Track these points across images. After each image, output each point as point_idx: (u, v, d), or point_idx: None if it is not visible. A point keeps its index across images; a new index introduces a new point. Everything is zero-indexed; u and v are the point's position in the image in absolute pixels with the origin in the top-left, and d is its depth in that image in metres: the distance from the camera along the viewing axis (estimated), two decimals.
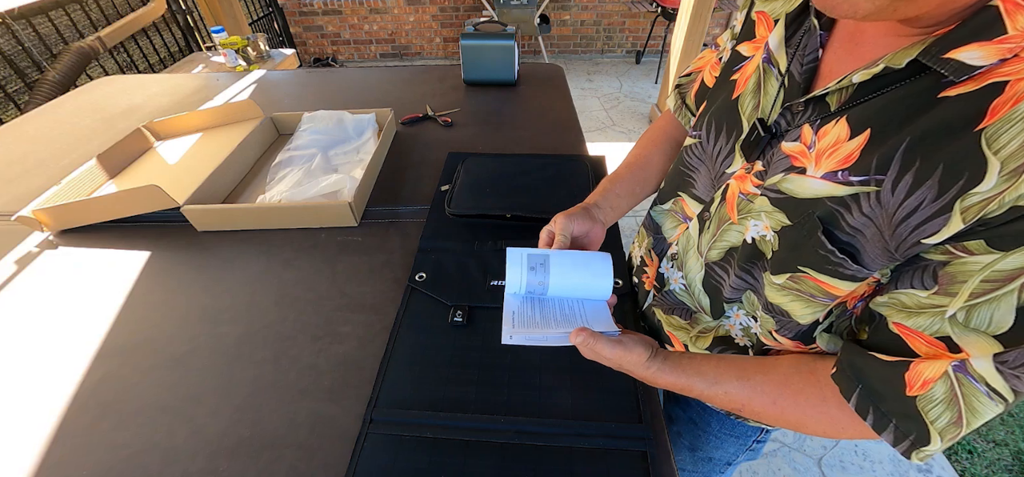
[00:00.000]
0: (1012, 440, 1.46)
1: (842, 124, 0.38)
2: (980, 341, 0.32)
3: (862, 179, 0.36)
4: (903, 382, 0.35)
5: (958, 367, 0.33)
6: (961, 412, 0.33)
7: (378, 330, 0.66)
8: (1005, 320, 0.31)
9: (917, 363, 0.35)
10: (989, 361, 0.31)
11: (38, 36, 2.06)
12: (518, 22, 3.68)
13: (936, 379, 0.34)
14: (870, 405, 0.38)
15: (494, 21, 1.43)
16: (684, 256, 0.59)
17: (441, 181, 0.96)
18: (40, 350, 0.66)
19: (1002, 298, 0.30)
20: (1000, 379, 0.31)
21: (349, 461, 0.51)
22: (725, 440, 0.71)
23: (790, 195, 0.42)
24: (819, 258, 0.39)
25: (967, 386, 0.33)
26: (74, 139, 1.21)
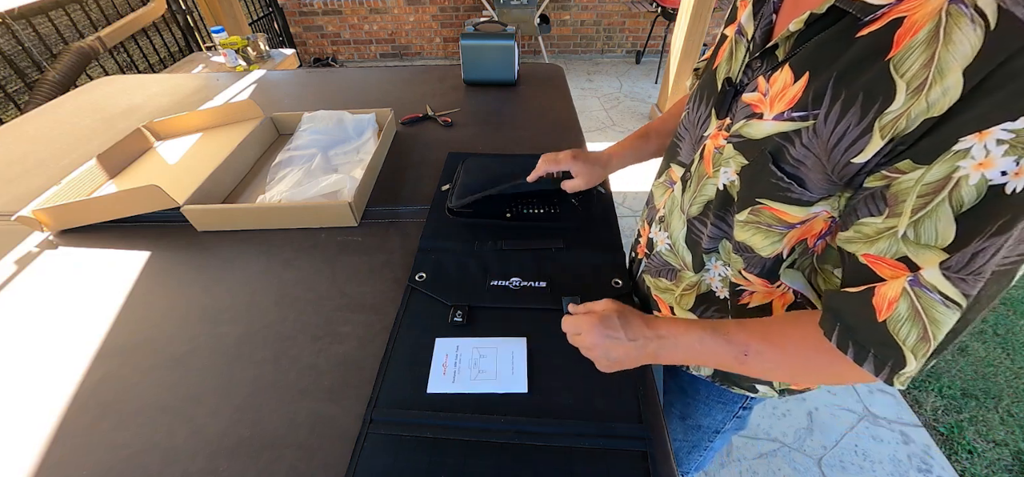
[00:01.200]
0: (1012, 440, 1.46)
1: (787, 70, 0.44)
2: (931, 255, 0.36)
3: (802, 115, 0.42)
4: (872, 309, 0.39)
5: (913, 281, 0.37)
6: (925, 326, 0.37)
7: (378, 330, 0.66)
8: (948, 231, 0.34)
9: (880, 287, 0.39)
10: (936, 269, 0.35)
11: (38, 36, 2.06)
12: (518, 22, 3.68)
13: (898, 297, 0.37)
14: (849, 340, 0.41)
15: (494, 21, 1.43)
16: (669, 217, 0.64)
17: (441, 181, 0.96)
18: (40, 350, 0.66)
19: (938, 208, 0.35)
20: (949, 285, 0.35)
21: (349, 461, 0.51)
22: (713, 407, 0.75)
23: (748, 137, 0.48)
24: (771, 187, 0.46)
25: (924, 298, 0.36)
26: (74, 139, 1.21)
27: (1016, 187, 0.32)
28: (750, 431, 1.51)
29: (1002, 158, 0.31)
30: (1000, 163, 0.32)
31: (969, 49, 0.31)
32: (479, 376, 0.59)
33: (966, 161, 0.33)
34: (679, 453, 0.87)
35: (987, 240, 0.33)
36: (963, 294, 0.35)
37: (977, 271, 0.34)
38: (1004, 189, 0.32)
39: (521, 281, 0.72)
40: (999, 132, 0.31)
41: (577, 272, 0.73)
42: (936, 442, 1.46)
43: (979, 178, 0.32)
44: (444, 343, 0.63)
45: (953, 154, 0.33)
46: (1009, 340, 1.75)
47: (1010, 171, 0.31)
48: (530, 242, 0.79)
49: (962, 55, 0.32)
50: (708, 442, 0.83)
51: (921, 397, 1.59)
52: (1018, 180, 0.31)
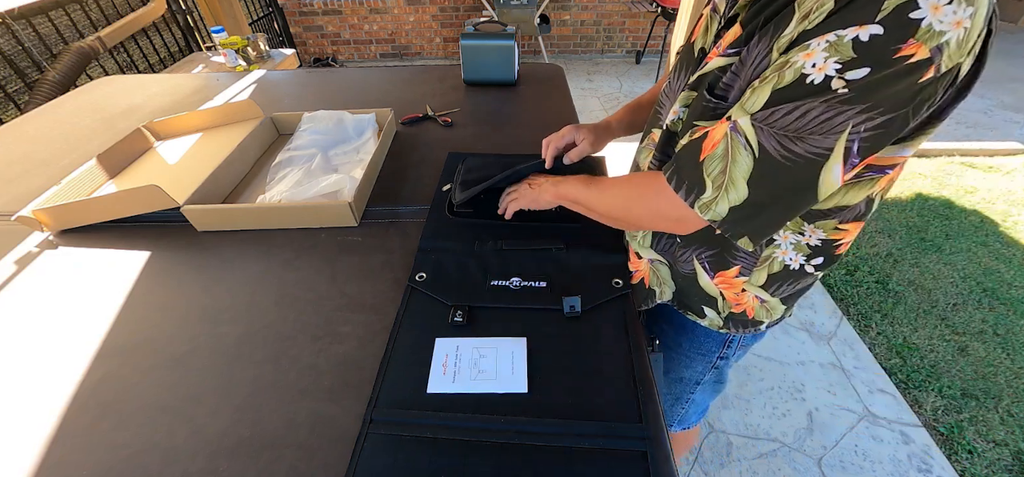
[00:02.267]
0: (1012, 440, 1.46)
1: (737, 27, 0.53)
2: (742, 115, 0.48)
3: (735, 51, 0.52)
4: (699, 149, 0.51)
5: (733, 127, 0.48)
6: (727, 164, 0.49)
7: (378, 330, 0.66)
8: (762, 100, 0.46)
9: (712, 131, 0.51)
10: (748, 118, 0.47)
11: (38, 36, 2.06)
12: (518, 22, 3.68)
13: (720, 139, 0.49)
14: (675, 176, 0.55)
15: (494, 21, 1.43)
16: (644, 166, 0.73)
17: (441, 181, 0.96)
18: (40, 350, 0.66)
19: (767, 83, 0.46)
20: (752, 132, 0.46)
21: (349, 461, 0.51)
22: (694, 359, 0.84)
23: (697, 76, 0.58)
24: (704, 109, 0.55)
25: (734, 140, 0.48)
26: (74, 139, 1.21)
27: (814, 79, 0.42)
28: (750, 431, 1.51)
29: (820, 53, 0.41)
30: (816, 57, 0.41)
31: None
32: (479, 376, 0.59)
33: (802, 53, 0.43)
34: (663, 404, 0.94)
35: (791, 113, 0.44)
36: (759, 143, 0.46)
37: (771, 124, 0.45)
38: (806, 79, 0.42)
39: (521, 281, 0.72)
40: (831, 36, 0.41)
41: (577, 272, 0.73)
42: (936, 442, 1.46)
43: (800, 64, 0.43)
44: (444, 343, 0.63)
45: (800, 47, 0.43)
46: (1009, 340, 1.75)
47: (818, 64, 0.41)
48: (530, 242, 0.79)
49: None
50: (689, 394, 0.91)
51: (921, 397, 1.59)
52: (817, 74, 0.42)
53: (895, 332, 1.80)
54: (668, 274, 0.76)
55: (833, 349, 1.75)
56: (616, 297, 0.70)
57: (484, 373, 0.59)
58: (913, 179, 2.65)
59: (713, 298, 0.73)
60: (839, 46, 0.40)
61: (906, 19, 0.37)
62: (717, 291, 0.72)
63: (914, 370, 1.67)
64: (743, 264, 0.67)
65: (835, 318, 1.88)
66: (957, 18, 0.37)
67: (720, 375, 0.87)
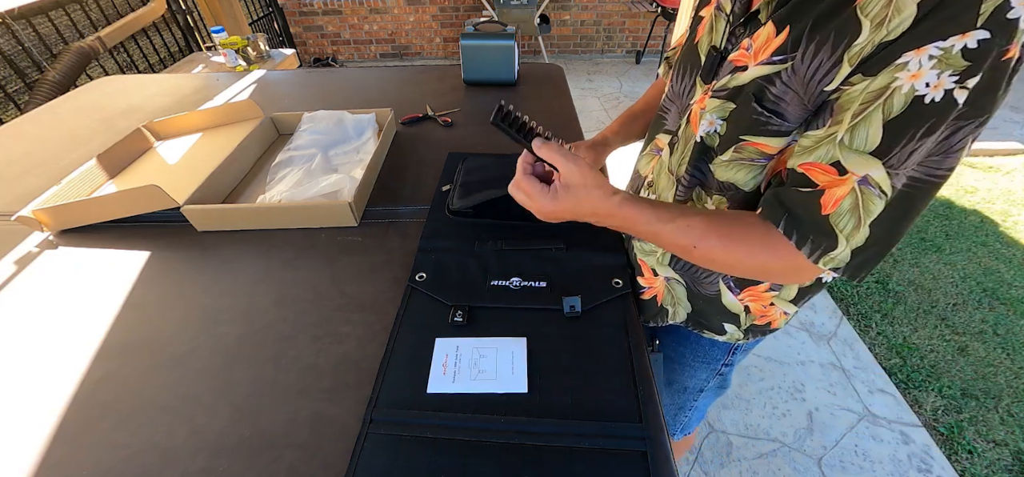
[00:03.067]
0: (1012, 440, 1.46)
1: (770, 26, 0.49)
2: (861, 159, 0.42)
3: (781, 58, 0.47)
4: (819, 205, 0.46)
5: (863, 181, 0.43)
6: (860, 215, 0.44)
7: (378, 330, 0.66)
8: (876, 136, 0.41)
9: (830, 188, 0.45)
10: (882, 169, 0.42)
11: (38, 36, 2.07)
12: (518, 22, 3.68)
13: (845, 195, 0.44)
14: (794, 229, 0.48)
15: (494, 21, 1.43)
16: (657, 181, 0.69)
17: (441, 181, 0.96)
18: (40, 350, 0.66)
19: (872, 115, 0.41)
20: (888, 180, 0.42)
21: (349, 461, 0.51)
22: (697, 367, 0.81)
23: (734, 86, 0.53)
24: (754, 123, 0.51)
25: (867, 194, 0.43)
26: (74, 139, 1.21)
27: (934, 97, 0.38)
28: (750, 431, 1.51)
29: (929, 71, 0.37)
30: (927, 76, 0.38)
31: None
32: (479, 376, 0.59)
33: (903, 73, 0.39)
34: (665, 415, 0.90)
35: (916, 141, 0.39)
36: (892, 187, 0.42)
37: (907, 166, 0.41)
38: (924, 100, 0.38)
39: (521, 281, 0.72)
40: (932, 49, 0.37)
41: (577, 272, 0.73)
42: (936, 442, 1.46)
43: (909, 88, 0.39)
44: (444, 343, 0.63)
45: (895, 65, 0.39)
46: (1009, 340, 1.75)
47: (932, 83, 0.38)
48: (530, 242, 0.79)
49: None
50: (693, 402, 0.89)
51: (921, 397, 1.59)
52: (936, 92, 0.38)
53: (895, 332, 1.80)
54: (684, 294, 0.73)
55: (833, 349, 1.76)
56: (616, 297, 0.70)
57: (484, 373, 0.59)
58: None
59: (736, 315, 0.70)
60: (949, 59, 0.37)
61: (1005, 20, 0.35)
62: (741, 307, 0.69)
63: (914, 370, 1.67)
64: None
65: (835, 318, 1.88)
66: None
67: (724, 381, 0.85)
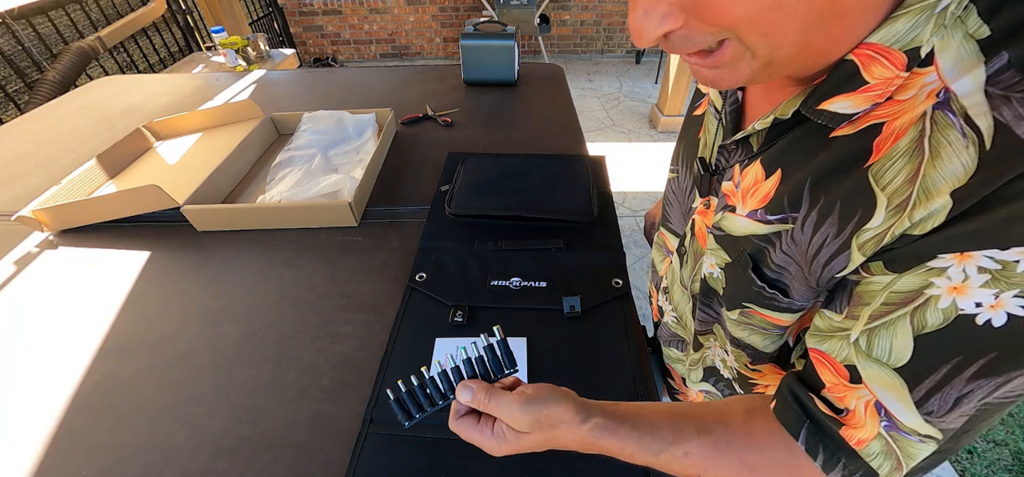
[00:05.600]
0: (1012, 440, 1.46)
1: (758, 165, 0.40)
2: (882, 374, 0.32)
3: (779, 218, 0.38)
4: (843, 436, 0.36)
5: (889, 426, 0.33)
6: (899, 458, 0.34)
7: (378, 330, 0.66)
8: (904, 351, 0.31)
9: (851, 426, 0.35)
10: (915, 414, 0.32)
11: (38, 36, 2.06)
12: (518, 22, 3.68)
13: (870, 439, 0.34)
14: (819, 445, 0.37)
15: (494, 21, 1.43)
16: (672, 289, 0.60)
17: (441, 181, 0.96)
18: (40, 350, 0.66)
19: (898, 322, 0.31)
20: (930, 427, 0.32)
21: (349, 461, 0.51)
22: None
23: (727, 233, 0.44)
24: (755, 294, 0.41)
25: (901, 440, 0.33)
26: (74, 139, 1.21)
27: (990, 320, 0.27)
28: None
29: (979, 289, 0.27)
30: (976, 293, 0.27)
31: (961, 169, 0.27)
32: None
33: (941, 280, 0.28)
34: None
35: (963, 374, 0.29)
36: (941, 430, 0.32)
37: (960, 413, 0.31)
38: (975, 320, 0.28)
39: (521, 281, 0.72)
40: (982, 258, 0.27)
41: (577, 272, 0.73)
42: None
43: (950, 303, 0.28)
44: (444, 343, 0.63)
45: (928, 269, 0.29)
46: None
47: (985, 303, 0.27)
48: (530, 242, 0.79)
49: (952, 175, 0.27)
50: None
51: None
52: (993, 314, 0.27)
53: None
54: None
55: None
56: (616, 297, 0.70)
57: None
58: None
59: None
60: (1010, 277, 0.26)
61: None
62: None
63: None
64: None
65: None
66: None
67: None
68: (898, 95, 0.30)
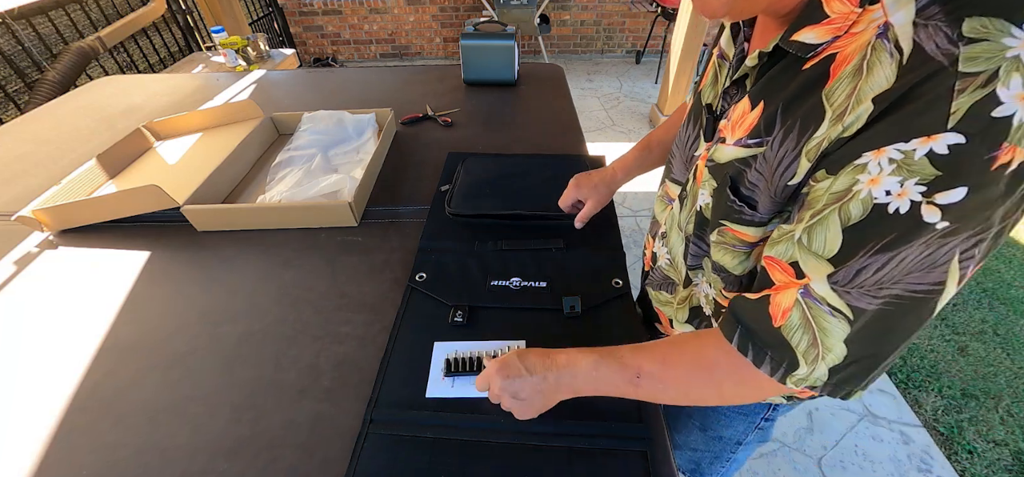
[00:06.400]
0: (1012, 440, 1.46)
1: (746, 100, 0.46)
2: (818, 264, 0.38)
3: (756, 142, 0.44)
4: (769, 316, 0.42)
5: (804, 293, 0.39)
6: (815, 333, 0.39)
7: (378, 330, 0.66)
8: (835, 242, 0.36)
9: (775, 295, 0.41)
10: (824, 282, 0.37)
11: (38, 36, 2.06)
12: (518, 22, 3.68)
13: (791, 307, 0.40)
14: (748, 343, 0.43)
15: (494, 21, 1.43)
16: (670, 233, 0.66)
17: (441, 181, 0.96)
18: (40, 350, 0.66)
19: (829, 217, 0.36)
20: (836, 297, 0.37)
21: (349, 461, 0.51)
22: (734, 418, 0.74)
23: (717, 161, 0.50)
24: (728, 210, 0.48)
25: (814, 309, 0.39)
26: (74, 139, 1.21)
27: (899, 207, 0.33)
28: None
29: (888, 177, 0.33)
30: (887, 182, 0.33)
31: (884, 81, 0.33)
32: None
33: (864, 176, 0.34)
34: (701, 462, 0.86)
35: (870, 257, 0.35)
36: (849, 306, 0.37)
37: (860, 285, 0.36)
38: (887, 209, 0.33)
39: (521, 281, 0.72)
40: (892, 151, 0.32)
41: (577, 272, 0.73)
42: (936, 442, 1.46)
43: (867, 193, 0.34)
44: (443, 347, 0.63)
45: (854, 167, 0.35)
46: (1009, 340, 1.75)
47: (893, 192, 0.33)
48: (530, 242, 0.79)
49: (877, 86, 0.33)
50: (730, 453, 0.81)
51: (921, 397, 1.59)
52: (901, 201, 0.32)
53: None
54: None
55: None
56: (616, 297, 0.70)
57: None
58: None
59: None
60: (911, 165, 0.31)
61: (990, 121, 0.29)
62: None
63: (914, 370, 1.67)
64: None
65: None
66: None
67: (764, 434, 0.77)
68: (853, 29, 0.36)
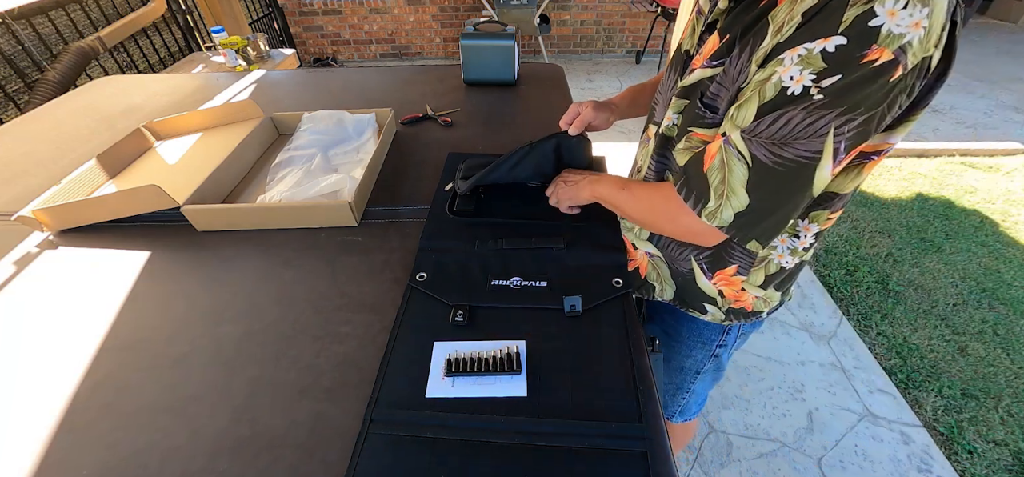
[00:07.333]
0: (1012, 440, 1.46)
1: (715, 35, 0.58)
2: (735, 132, 0.52)
3: (718, 62, 0.57)
4: (702, 161, 0.55)
5: (725, 140, 0.53)
6: (725, 174, 0.53)
7: (378, 330, 0.66)
8: (750, 116, 0.50)
9: (710, 146, 0.55)
10: (737, 132, 0.51)
11: (38, 36, 2.06)
12: (518, 22, 3.68)
13: (716, 152, 0.53)
14: (685, 188, 0.58)
15: (494, 21, 1.43)
16: (643, 166, 0.77)
17: (441, 181, 0.96)
18: (40, 350, 0.66)
19: (752, 98, 0.50)
20: (743, 144, 0.51)
21: (349, 461, 0.51)
22: (694, 348, 0.86)
23: (686, 84, 0.62)
24: (696, 117, 0.60)
25: (727, 152, 0.52)
26: (74, 139, 1.21)
27: (795, 90, 0.46)
28: (750, 431, 1.51)
29: (794, 67, 0.45)
30: (791, 70, 0.46)
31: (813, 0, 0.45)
32: (478, 381, 0.59)
33: (779, 68, 0.47)
34: (664, 395, 0.98)
35: (774, 123, 0.48)
36: (750, 154, 0.50)
37: (759, 135, 0.49)
38: (787, 91, 0.46)
39: (522, 281, 0.72)
40: (801, 49, 0.45)
41: (577, 271, 0.73)
42: (936, 442, 1.46)
43: (777, 78, 0.47)
44: (443, 347, 0.63)
45: (776, 60, 0.47)
46: (1009, 340, 1.75)
47: (795, 77, 0.45)
48: (531, 242, 0.79)
49: (808, 4, 0.45)
50: (690, 384, 0.94)
51: (921, 397, 1.59)
52: (796, 85, 0.46)
53: (895, 332, 1.80)
54: (668, 273, 0.78)
55: (833, 349, 1.76)
56: (616, 296, 0.70)
57: (483, 378, 0.59)
58: (913, 179, 2.65)
59: (712, 297, 0.75)
60: (810, 59, 0.44)
61: (866, 28, 0.41)
62: (716, 290, 0.74)
63: (914, 370, 1.67)
64: (740, 263, 0.69)
65: (835, 318, 1.88)
66: (914, 20, 0.40)
67: (719, 363, 0.89)
68: None
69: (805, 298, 1.96)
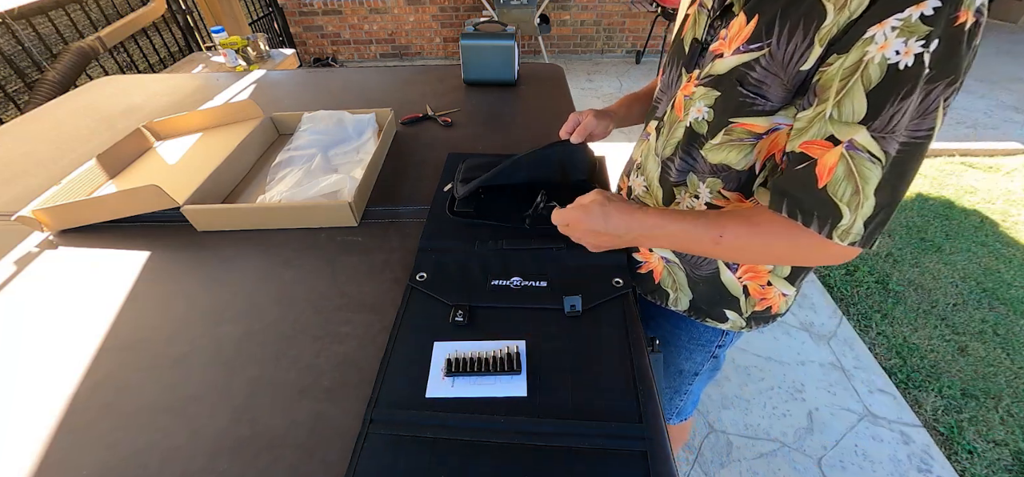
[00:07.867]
0: (1012, 440, 1.46)
1: (741, 17, 0.55)
2: (852, 128, 0.46)
3: (757, 46, 0.52)
4: (814, 177, 0.49)
5: (849, 146, 0.46)
6: (857, 182, 0.47)
7: (378, 330, 0.66)
8: (862, 106, 0.45)
9: (821, 158, 0.48)
10: (866, 133, 0.45)
11: (38, 36, 2.06)
12: (518, 22, 3.68)
13: (836, 163, 0.47)
14: (797, 209, 0.51)
15: (494, 21, 1.43)
16: (645, 163, 0.75)
17: (441, 181, 0.96)
18: (40, 350, 0.66)
19: (854, 87, 0.45)
20: (876, 145, 0.45)
21: (349, 461, 0.51)
22: (693, 350, 0.85)
23: (716, 74, 0.58)
24: (740, 105, 0.56)
25: (857, 159, 0.46)
26: (74, 139, 1.21)
27: (907, 63, 0.42)
28: (750, 431, 1.51)
29: (896, 40, 0.42)
30: (894, 44, 0.42)
31: None
32: (478, 381, 0.59)
33: (872, 46, 0.43)
34: (661, 397, 0.95)
35: (896, 105, 0.43)
36: (883, 152, 0.45)
37: (892, 131, 0.45)
38: (899, 66, 0.42)
39: (522, 281, 0.72)
40: (892, 21, 0.42)
41: (577, 271, 0.73)
42: (936, 442, 1.46)
43: (881, 58, 0.43)
44: (443, 347, 0.63)
45: (863, 41, 0.44)
46: (1009, 340, 1.75)
47: (901, 50, 0.42)
48: (530, 242, 0.79)
49: None
50: (688, 385, 0.93)
51: (921, 397, 1.59)
52: (907, 58, 0.42)
53: (895, 332, 1.80)
54: (685, 280, 0.75)
55: (833, 349, 1.76)
56: (616, 296, 0.70)
57: (483, 378, 0.59)
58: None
59: (735, 298, 0.73)
60: (910, 26, 0.41)
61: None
62: (740, 287, 0.71)
63: (914, 370, 1.67)
64: None
65: (835, 318, 1.88)
66: None
67: (717, 363, 0.89)
68: None
69: (805, 298, 1.96)
